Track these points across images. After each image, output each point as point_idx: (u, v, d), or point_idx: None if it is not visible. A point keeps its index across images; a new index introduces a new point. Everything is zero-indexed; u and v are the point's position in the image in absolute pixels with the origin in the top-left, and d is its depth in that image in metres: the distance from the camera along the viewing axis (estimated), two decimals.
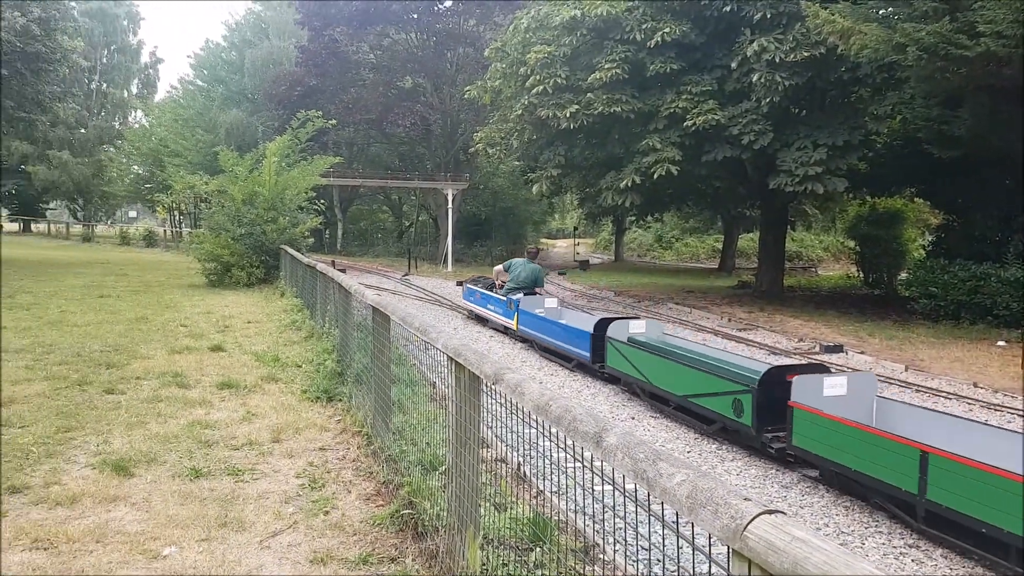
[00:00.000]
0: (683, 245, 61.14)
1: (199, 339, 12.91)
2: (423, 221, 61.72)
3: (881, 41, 16.87)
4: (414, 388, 8.47)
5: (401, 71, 49.65)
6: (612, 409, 11.23)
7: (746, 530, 1.70)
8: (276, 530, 5.12)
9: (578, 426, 2.58)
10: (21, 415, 7.58)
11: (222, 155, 26.13)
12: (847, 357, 16.00)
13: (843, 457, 7.34)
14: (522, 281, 17.66)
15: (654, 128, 22.25)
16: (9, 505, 5.35)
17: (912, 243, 30.60)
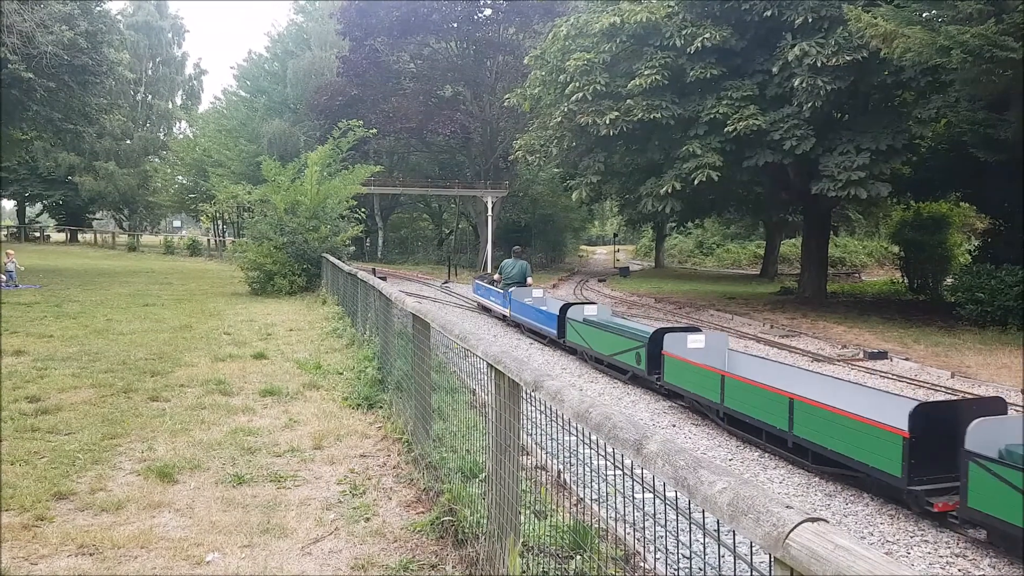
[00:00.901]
0: (724, 251, 60.77)
1: (242, 347, 13.04)
2: (463, 229, 61.90)
3: (925, 44, 16.65)
4: (454, 395, 8.48)
5: (441, 80, 49.85)
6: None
7: (788, 538, 1.68)
8: (317, 536, 5.15)
9: (618, 433, 2.57)
10: (68, 422, 7.70)
11: (265, 165, 26.44)
12: (892, 364, 15.77)
13: (695, 388, 10.58)
14: (513, 276, 21.01)
15: (694, 134, 22.14)
16: (55, 511, 5.43)
17: (958, 248, 30.10)
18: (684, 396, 11.18)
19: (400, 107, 46.78)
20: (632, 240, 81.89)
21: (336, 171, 28.14)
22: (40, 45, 26.93)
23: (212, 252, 58.13)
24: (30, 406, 8.26)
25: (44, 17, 27.52)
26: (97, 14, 31.68)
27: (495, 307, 22.15)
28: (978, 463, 6.21)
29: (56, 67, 28.06)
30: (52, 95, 29.43)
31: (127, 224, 76.73)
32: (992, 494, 6.10)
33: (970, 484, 6.28)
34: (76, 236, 70.34)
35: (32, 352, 11.75)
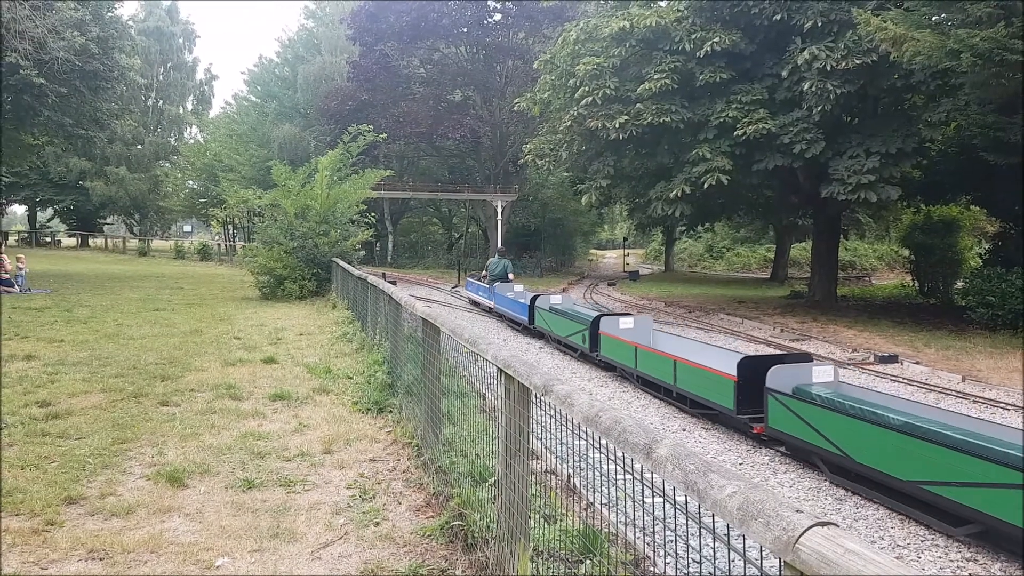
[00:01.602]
0: (734, 255, 60.71)
1: (252, 351, 13.07)
2: (473, 233, 61.98)
3: (934, 47, 16.60)
4: (464, 400, 8.49)
5: (451, 84, 49.99)
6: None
7: (798, 542, 1.68)
8: (327, 541, 5.16)
9: (628, 437, 2.56)
10: (78, 427, 7.72)
11: (275, 169, 26.50)
12: (902, 367, 15.72)
13: (621, 359, 13.36)
14: (497, 274, 23.85)
15: (704, 138, 22.13)
16: (66, 516, 5.45)
17: (968, 251, 29.99)
18: (615, 367, 13.96)
19: (410, 112, 46.92)
20: (642, 244, 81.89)
21: (346, 175, 28.19)
22: (52, 51, 27.06)
23: (222, 257, 58.34)
24: (40, 411, 8.29)
25: (56, 23, 27.66)
26: (108, 19, 31.83)
27: (482, 301, 25.10)
28: (774, 397, 8.93)
29: (68, 72, 28.19)
30: (64, 100, 29.55)
31: (138, 229, 77.06)
32: (783, 418, 8.80)
33: (769, 411, 9.03)
34: (87, 241, 70.69)
35: (43, 357, 11.79)
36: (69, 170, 64.84)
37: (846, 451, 7.81)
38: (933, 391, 13.44)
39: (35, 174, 64.66)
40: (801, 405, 8.54)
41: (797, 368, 9.30)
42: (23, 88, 27.73)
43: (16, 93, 28.20)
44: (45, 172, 65.07)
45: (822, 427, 8.18)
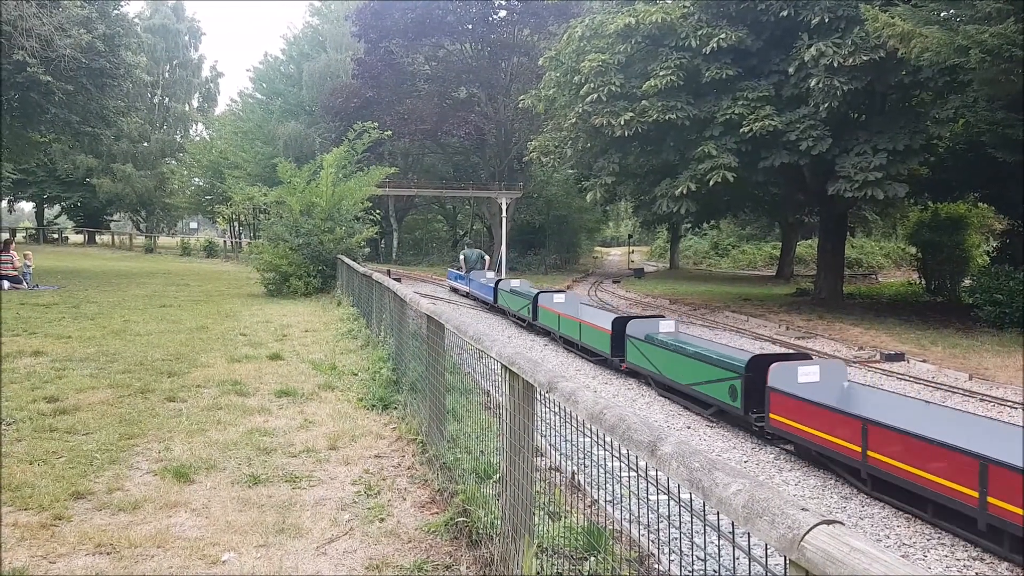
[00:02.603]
0: (740, 252, 60.63)
1: (258, 348, 13.09)
2: (477, 230, 61.96)
3: (943, 44, 16.55)
4: (468, 396, 8.50)
5: (456, 81, 49.91)
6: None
7: (803, 540, 1.67)
8: (332, 536, 5.17)
9: (632, 435, 2.56)
10: (86, 422, 7.75)
11: (280, 167, 26.53)
12: (909, 366, 15.69)
13: (550, 324, 18.06)
14: (473, 263, 28.76)
15: (710, 135, 22.08)
16: (73, 510, 5.47)
17: (976, 249, 29.91)
18: (550, 333, 18.51)
19: (415, 109, 46.88)
20: (647, 241, 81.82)
21: (351, 173, 28.20)
22: (58, 48, 27.09)
23: (228, 254, 58.40)
24: (48, 406, 8.31)
25: (62, 20, 27.68)
26: (115, 17, 31.84)
27: (461, 287, 29.18)
28: (630, 340, 13.46)
29: (74, 70, 28.21)
30: (70, 98, 29.57)
31: (144, 226, 77.14)
32: (635, 355, 13.31)
33: (627, 351, 13.58)
34: (94, 238, 70.81)
35: (50, 353, 11.82)
36: (76, 167, 64.95)
37: (660, 371, 12.45)
38: (940, 389, 13.42)
39: (42, 171, 64.75)
40: (643, 345, 13.10)
41: (649, 322, 13.89)
42: (30, 86, 27.77)
43: (23, 91, 28.25)
44: (52, 169, 65.18)
45: (651, 357, 12.77)
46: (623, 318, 14.51)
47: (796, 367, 9.46)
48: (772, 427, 9.21)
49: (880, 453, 7.50)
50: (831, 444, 8.19)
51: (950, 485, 6.72)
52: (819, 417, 8.40)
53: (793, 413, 8.82)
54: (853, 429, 7.87)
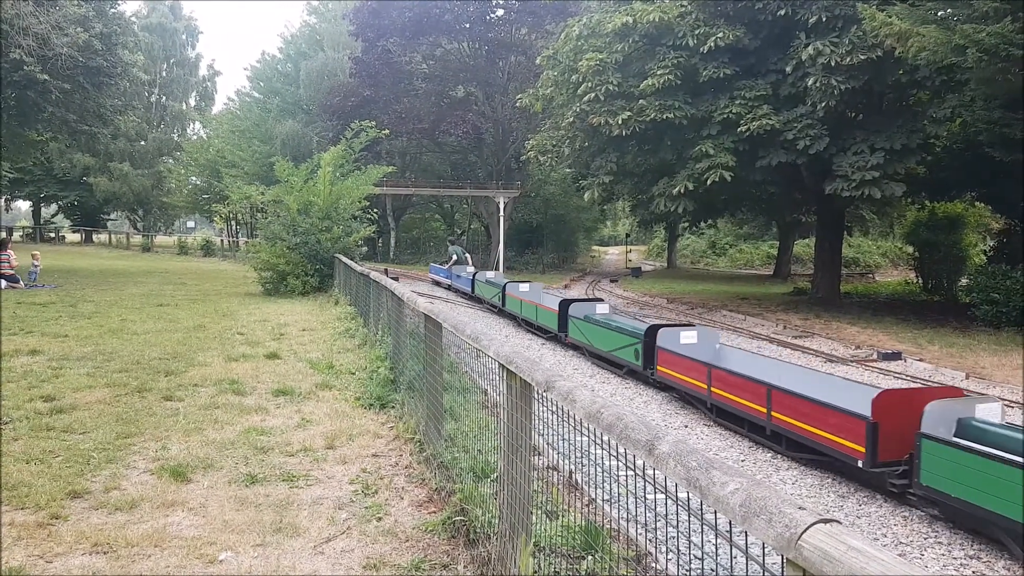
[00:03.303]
0: (737, 251, 60.64)
1: (255, 347, 13.08)
2: (475, 229, 61.93)
3: (940, 43, 16.57)
4: (466, 395, 8.50)
5: (453, 80, 49.89)
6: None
7: (800, 539, 1.68)
8: (330, 536, 5.16)
9: (630, 434, 2.56)
10: (82, 421, 7.74)
11: (278, 166, 26.51)
12: (906, 364, 15.71)
13: (516, 309, 20.96)
14: (459, 258, 30.97)
15: (707, 134, 22.09)
16: (70, 510, 5.46)
17: (973, 248, 29.98)
18: (515, 317, 21.16)
19: (412, 108, 46.87)
20: (644, 240, 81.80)
21: (349, 172, 28.19)
22: (55, 47, 27.07)
23: (225, 253, 58.33)
24: (45, 405, 8.30)
25: (59, 19, 27.66)
26: (111, 16, 31.84)
27: (443, 280, 31.95)
28: (572, 320, 16.17)
29: (71, 69, 28.20)
30: (67, 96, 29.56)
31: (141, 225, 77.06)
32: (574, 331, 16.05)
33: (569, 329, 16.39)
34: (91, 236, 70.75)
35: (47, 352, 11.81)
36: (73, 166, 64.88)
37: (591, 342, 15.16)
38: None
39: (39, 170, 64.72)
40: (580, 322, 15.80)
41: (587, 304, 17.05)
42: (27, 84, 27.75)
43: (20, 89, 28.22)
44: (49, 168, 65.13)
45: (585, 332, 15.52)
46: (567, 301, 17.67)
47: (679, 332, 12.24)
48: (658, 376, 12.22)
49: (717, 388, 10.34)
50: (692, 385, 11.05)
51: (752, 406, 9.49)
52: (686, 367, 11.26)
53: (672, 365, 11.71)
54: (703, 373, 10.66)
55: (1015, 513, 6.00)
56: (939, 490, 6.83)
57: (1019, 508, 5.94)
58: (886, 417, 7.51)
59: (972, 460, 6.53)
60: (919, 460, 7.04)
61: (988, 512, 6.36)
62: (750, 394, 9.55)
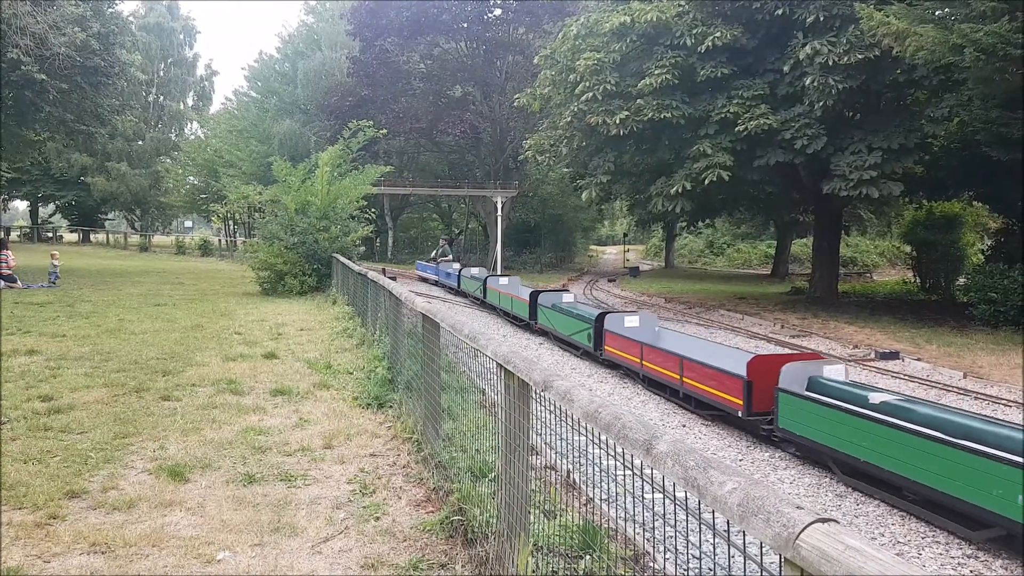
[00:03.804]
0: (735, 251, 60.65)
1: (253, 347, 13.08)
2: (473, 229, 61.93)
3: (937, 43, 16.58)
4: (464, 395, 8.49)
5: (451, 80, 49.87)
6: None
7: (798, 539, 1.68)
8: (328, 535, 5.16)
9: (628, 433, 2.56)
10: (80, 421, 7.73)
11: (276, 165, 26.50)
12: (903, 364, 15.71)
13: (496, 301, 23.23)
14: (445, 253, 34.49)
15: (705, 133, 22.10)
16: (68, 509, 5.46)
17: (971, 248, 30.00)
18: (495, 307, 23.32)
19: (410, 107, 46.86)
20: (642, 240, 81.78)
21: (346, 171, 28.18)
22: (53, 47, 27.04)
23: (223, 252, 58.29)
24: (43, 405, 8.29)
25: (57, 19, 27.63)
26: (109, 16, 31.80)
27: (430, 276, 34.09)
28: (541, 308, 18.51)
29: (68, 68, 28.16)
30: (65, 96, 29.53)
31: (139, 224, 76.92)
32: (544, 319, 18.17)
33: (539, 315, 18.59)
34: (88, 236, 70.67)
35: (45, 352, 11.80)
36: (70, 166, 64.79)
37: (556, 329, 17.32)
38: (934, 387, 13.44)
39: (37, 170, 64.62)
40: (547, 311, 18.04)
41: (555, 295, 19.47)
42: (24, 84, 27.72)
43: (18, 89, 28.19)
44: (47, 168, 65.02)
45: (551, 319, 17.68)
46: (536, 291, 20.06)
47: (623, 317, 14.66)
48: (606, 356, 14.45)
49: (648, 363, 12.61)
50: (631, 361, 13.27)
51: (670, 374, 11.73)
52: (627, 346, 13.48)
53: (617, 346, 13.93)
54: (638, 351, 12.96)
55: (841, 446, 8.05)
56: (792, 432, 8.87)
57: (844, 442, 8.03)
58: (758, 377, 9.58)
59: (813, 407, 8.57)
60: (777, 409, 9.06)
61: (824, 447, 8.36)
62: (669, 365, 11.83)
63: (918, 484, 7.06)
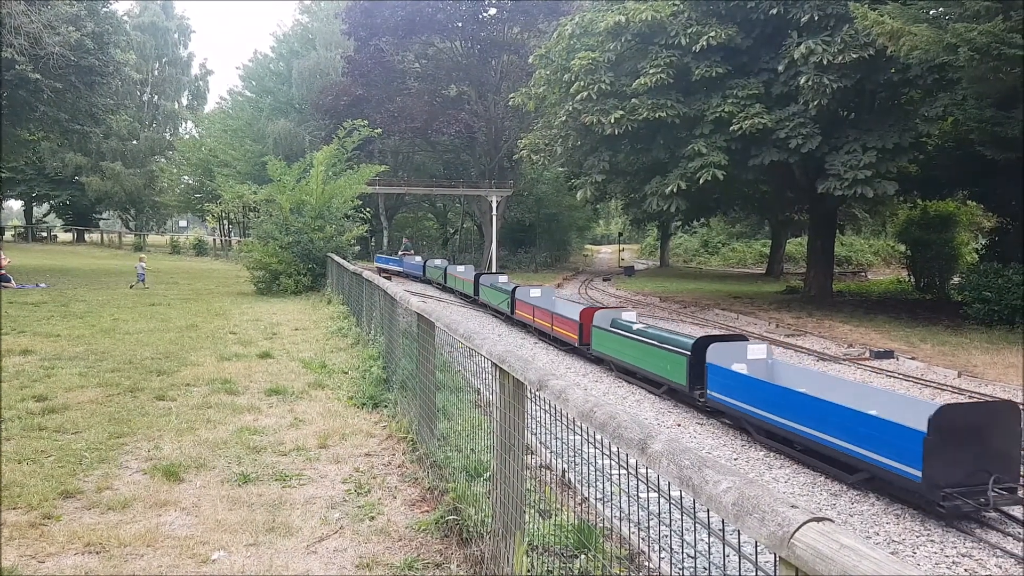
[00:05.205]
0: (730, 250, 60.74)
1: (248, 346, 13.06)
2: (467, 228, 61.91)
3: (932, 42, 16.60)
4: (459, 394, 8.49)
5: (446, 79, 49.86)
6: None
7: (793, 538, 1.68)
8: (322, 535, 5.16)
9: (623, 432, 2.56)
10: (75, 421, 7.72)
11: (270, 165, 26.47)
12: (898, 363, 15.74)
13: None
14: (408, 248, 40.32)
15: (700, 133, 22.12)
16: (62, 509, 5.45)
17: (965, 247, 30.05)
18: (454, 290, 28.34)
19: (405, 107, 46.82)
20: (637, 239, 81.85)
21: (341, 171, 28.16)
22: (47, 46, 26.95)
23: (218, 252, 58.20)
24: (37, 405, 8.28)
25: (51, 18, 27.55)
26: (103, 15, 31.72)
27: (391, 268, 37.61)
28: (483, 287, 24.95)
29: (63, 68, 28.08)
30: (59, 96, 29.45)
31: (133, 224, 76.77)
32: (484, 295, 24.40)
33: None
34: (83, 236, 70.49)
35: (39, 351, 11.78)
36: (65, 165, 64.61)
37: (490, 302, 22.79)
38: (929, 386, 13.46)
39: (31, 169, 64.41)
40: (486, 288, 23.36)
41: (493, 276, 24.43)
42: (19, 83, 27.64)
43: (12, 88, 28.11)
44: (41, 167, 64.83)
45: (488, 295, 23.16)
46: (479, 273, 26.51)
47: (529, 289, 20.20)
48: (516, 317, 20.12)
49: (538, 319, 18.31)
50: (529, 319, 19.08)
51: (545, 324, 17.59)
52: (528, 309, 19.24)
53: (523, 310, 19.68)
54: (531, 311, 18.84)
55: (615, 354, 13.81)
56: (601, 352, 14.52)
57: (616, 352, 13.74)
58: (586, 320, 15.29)
59: (605, 334, 14.23)
60: (591, 339, 14.91)
61: (610, 356, 14.10)
62: (546, 318, 17.77)
63: (640, 369, 12.82)
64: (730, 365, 10.39)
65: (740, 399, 9.74)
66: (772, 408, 9.04)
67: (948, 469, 6.93)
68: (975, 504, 6.88)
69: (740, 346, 10.75)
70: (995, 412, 7.48)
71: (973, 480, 6.94)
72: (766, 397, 9.21)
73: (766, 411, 9.16)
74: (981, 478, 6.95)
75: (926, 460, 6.87)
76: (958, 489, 6.88)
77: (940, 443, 6.87)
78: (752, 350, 10.72)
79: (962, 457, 6.98)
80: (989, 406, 7.99)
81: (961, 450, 6.99)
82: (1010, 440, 7.24)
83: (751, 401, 9.49)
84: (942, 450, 6.89)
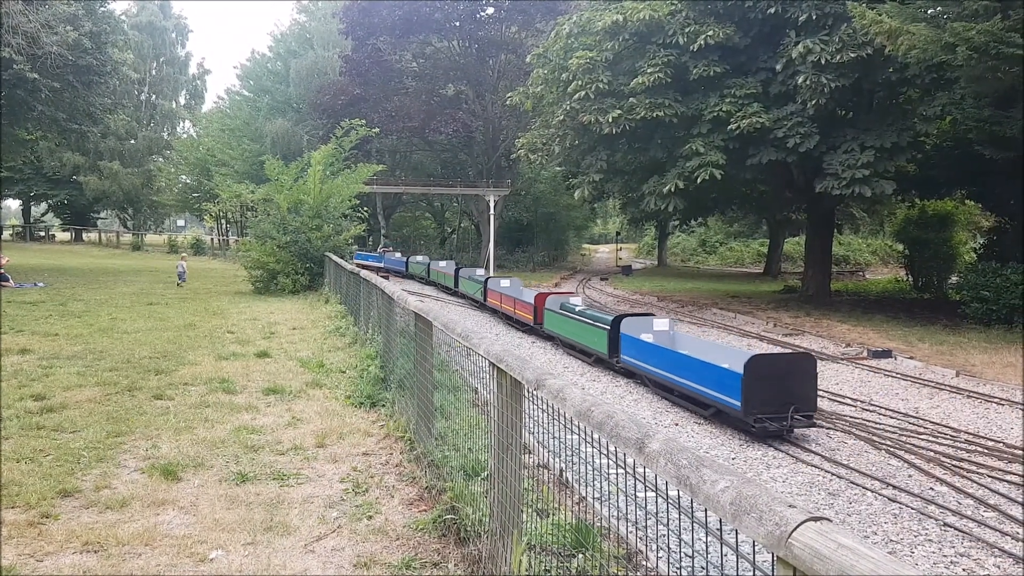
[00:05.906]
0: (727, 250, 60.77)
1: (245, 345, 13.06)
2: (465, 227, 61.92)
3: (930, 41, 16.61)
4: (456, 394, 8.48)
5: (443, 79, 49.84)
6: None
7: (791, 537, 1.68)
8: (320, 534, 5.16)
9: (620, 432, 2.56)
10: (73, 420, 7.71)
11: (268, 164, 26.45)
12: (896, 363, 15.74)
13: (422, 273, 34.84)
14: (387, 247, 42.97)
15: (697, 132, 22.11)
16: (61, 508, 5.44)
17: (963, 246, 30.08)
18: (436, 283, 31.53)
19: (402, 106, 46.78)
20: (634, 238, 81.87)
21: (339, 170, 28.15)
22: (45, 45, 26.92)
23: (216, 251, 58.15)
24: (35, 404, 8.27)
25: (49, 18, 27.52)
26: (101, 14, 31.68)
27: (371, 264, 37.22)
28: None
29: (61, 67, 28.04)
30: (57, 95, 29.41)
31: (131, 223, 76.65)
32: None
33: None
34: (81, 235, 70.39)
35: (37, 351, 11.77)
36: (63, 165, 64.50)
37: (468, 292, 26.57)
38: (927, 386, 13.47)
39: (29, 169, 64.30)
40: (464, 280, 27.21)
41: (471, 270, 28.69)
42: (16, 83, 27.61)
43: (10, 88, 28.07)
44: (39, 167, 64.71)
45: (465, 286, 26.98)
46: (459, 267, 29.90)
47: (500, 280, 22.91)
48: (488, 304, 22.81)
49: (504, 305, 21.14)
50: (497, 304, 21.84)
51: (509, 308, 20.73)
52: (497, 297, 21.92)
53: (493, 298, 22.31)
54: (499, 298, 21.63)
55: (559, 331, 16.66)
56: (551, 330, 17.18)
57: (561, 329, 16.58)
58: (540, 304, 17.83)
59: (554, 315, 16.85)
60: (544, 320, 17.50)
61: (556, 333, 16.86)
62: (510, 303, 20.53)
63: (578, 343, 15.49)
64: (639, 336, 12.92)
65: (643, 361, 12.46)
66: (661, 366, 11.75)
67: (759, 401, 9.50)
68: (779, 426, 9.47)
69: (648, 320, 13.59)
70: (796, 360, 10.51)
71: (779, 410, 9.47)
72: (658, 358, 11.94)
73: (658, 368, 11.87)
74: (784, 408, 9.48)
75: (743, 394, 9.52)
76: (768, 415, 9.44)
77: (751, 382, 9.46)
78: (657, 323, 13.53)
79: (769, 393, 9.51)
80: (792, 356, 11.95)
81: (769, 387, 9.52)
82: (808, 382, 9.81)
83: (649, 362, 12.20)
84: (753, 387, 9.46)
